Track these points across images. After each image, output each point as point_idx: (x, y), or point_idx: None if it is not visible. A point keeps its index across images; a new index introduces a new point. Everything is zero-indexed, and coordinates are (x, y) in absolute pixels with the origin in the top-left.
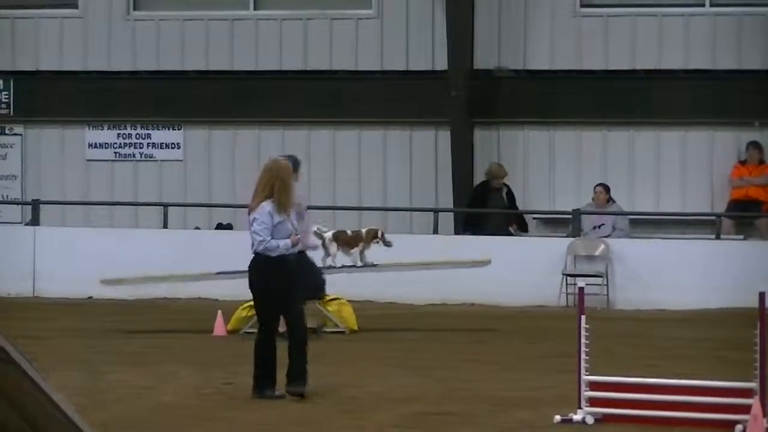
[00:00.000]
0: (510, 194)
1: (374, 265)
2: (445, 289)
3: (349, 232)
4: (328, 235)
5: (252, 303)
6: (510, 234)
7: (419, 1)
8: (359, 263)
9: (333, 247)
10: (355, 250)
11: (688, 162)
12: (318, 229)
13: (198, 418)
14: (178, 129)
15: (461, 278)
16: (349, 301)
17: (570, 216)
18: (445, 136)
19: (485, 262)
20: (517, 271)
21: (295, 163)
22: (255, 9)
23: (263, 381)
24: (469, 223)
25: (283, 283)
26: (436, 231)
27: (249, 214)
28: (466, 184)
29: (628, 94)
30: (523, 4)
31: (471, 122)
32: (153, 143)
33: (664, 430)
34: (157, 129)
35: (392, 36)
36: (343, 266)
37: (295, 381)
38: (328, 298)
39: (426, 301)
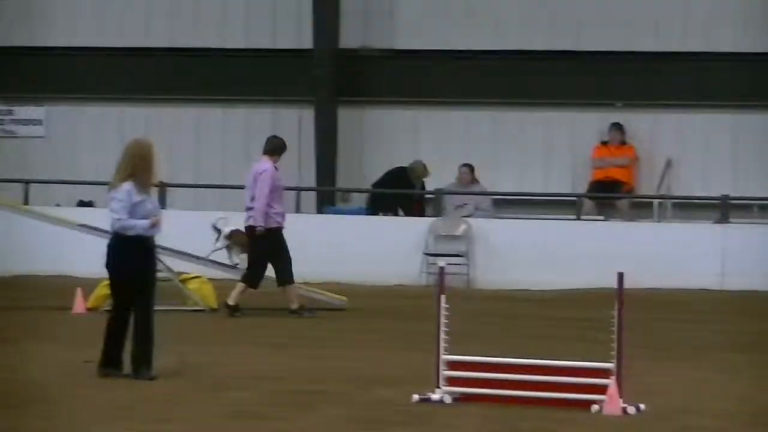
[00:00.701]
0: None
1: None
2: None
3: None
4: (225, 231)
5: None
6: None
7: None
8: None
9: (223, 243)
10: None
11: (551, 143)
12: (217, 222)
13: (54, 395)
14: (40, 106)
15: (324, 257)
16: (210, 279)
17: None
18: (309, 115)
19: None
20: (381, 250)
21: (282, 147)
22: None
23: (108, 360)
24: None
25: (139, 264)
26: (298, 210)
27: (109, 192)
28: (329, 164)
29: (493, 75)
30: None
31: (336, 102)
32: (15, 119)
33: (522, 410)
34: (19, 105)
35: (258, 14)
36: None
37: (140, 367)
38: (188, 276)
39: None
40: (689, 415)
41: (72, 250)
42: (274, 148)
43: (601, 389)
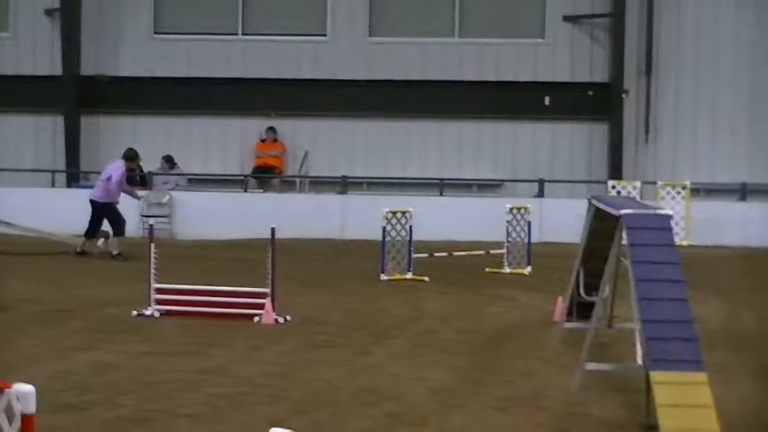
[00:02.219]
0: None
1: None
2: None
3: None
4: None
5: None
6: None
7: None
8: None
9: None
10: None
11: (227, 141)
12: None
13: None
14: None
15: (71, 217)
16: None
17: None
18: (61, 121)
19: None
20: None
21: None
22: None
23: None
24: None
25: None
26: (53, 185)
27: None
28: (74, 160)
29: (186, 95)
30: (115, 27)
31: (79, 112)
32: None
33: (207, 322)
34: None
35: (24, 49)
36: None
37: None
38: None
39: None
40: (319, 324)
41: None
42: (128, 156)
43: (260, 306)
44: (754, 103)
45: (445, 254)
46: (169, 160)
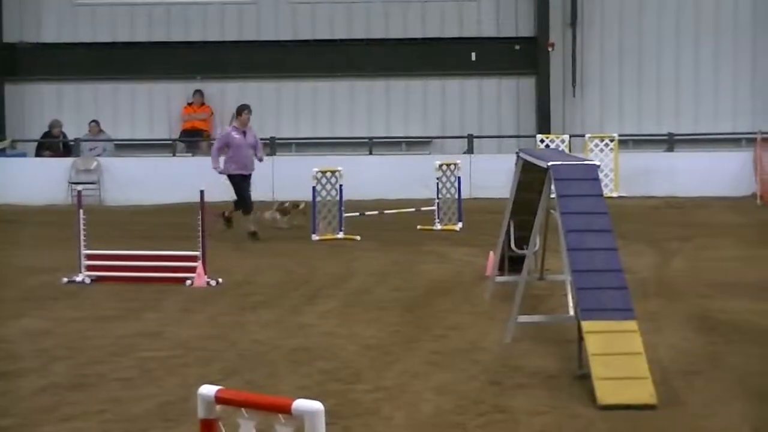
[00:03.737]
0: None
1: None
2: None
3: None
4: None
5: None
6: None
7: None
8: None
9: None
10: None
11: (154, 106)
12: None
13: None
14: None
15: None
16: None
17: (71, 143)
18: None
19: None
20: (40, 181)
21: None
22: None
23: None
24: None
25: None
26: None
27: None
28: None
29: (111, 62)
30: None
31: (2, 81)
32: None
33: (138, 286)
34: None
35: None
36: None
37: None
38: None
39: None
40: (251, 285)
41: None
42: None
43: (192, 269)
44: (679, 54)
45: (376, 213)
46: (96, 126)
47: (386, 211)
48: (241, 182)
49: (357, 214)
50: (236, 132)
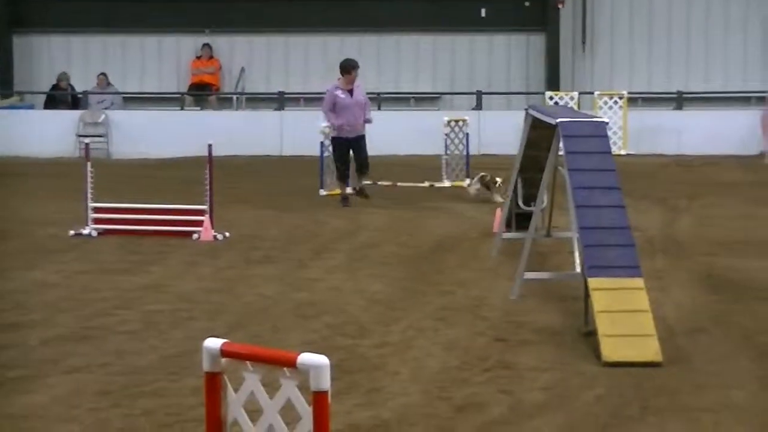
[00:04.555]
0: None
1: None
2: None
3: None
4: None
5: None
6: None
7: None
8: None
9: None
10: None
11: (163, 58)
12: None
13: None
14: None
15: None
16: None
17: (81, 95)
18: None
19: None
20: (49, 134)
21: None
22: None
23: None
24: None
25: None
26: None
27: None
28: (8, 81)
29: (123, 11)
30: None
31: (10, 33)
32: None
33: (146, 239)
34: None
35: None
36: None
37: None
38: None
39: None
40: (258, 240)
41: None
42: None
43: (199, 223)
44: (689, 11)
45: (389, 183)
46: (104, 79)
47: (399, 184)
48: (345, 148)
49: (370, 183)
50: (341, 91)
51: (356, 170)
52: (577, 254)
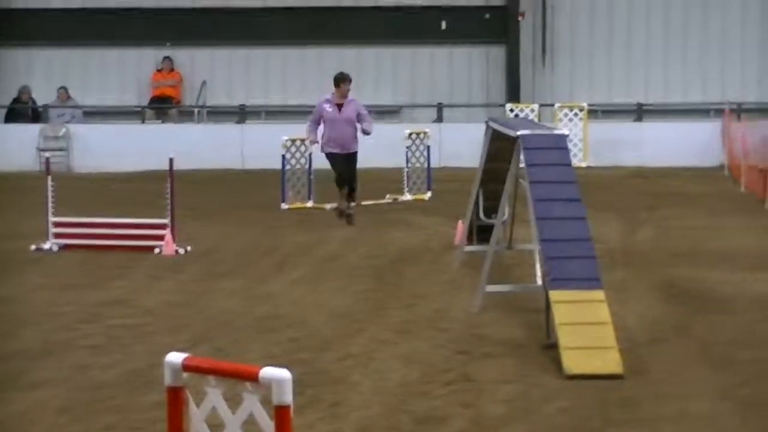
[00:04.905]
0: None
1: None
2: None
3: None
4: None
5: None
6: None
7: None
8: None
9: None
10: None
11: (122, 72)
12: None
13: None
14: None
15: None
16: None
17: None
18: None
19: None
20: (10, 147)
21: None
22: None
23: None
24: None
25: None
26: None
27: None
28: None
29: (85, 25)
30: None
31: None
32: None
33: (108, 254)
34: None
35: None
36: None
37: None
38: None
39: None
40: (220, 253)
41: None
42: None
43: (161, 237)
44: (649, 24)
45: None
46: (64, 92)
47: (364, 203)
48: (337, 161)
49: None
50: (329, 105)
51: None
52: (538, 266)
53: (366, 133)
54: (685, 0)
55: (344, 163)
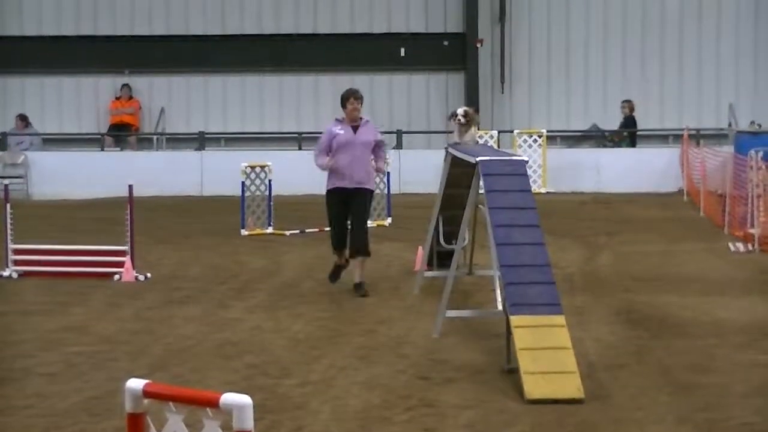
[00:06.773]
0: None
1: None
2: None
3: None
4: None
5: None
6: None
7: None
8: None
9: None
10: None
11: (80, 100)
12: None
13: None
14: None
15: None
16: None
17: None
18: None
19: None
20: None
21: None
22: None
23: None
24: None
25: None
26: None
27: None
28: None
29: (68, 55)
30: None
31: None
32: None
33: (66, 281)
34: None
35: None
36: None
37: None
38: None
39: None
40: (180, 280)
41: None
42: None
43: (120, 264)
44: (606, 50)
45: (316, 230)
46: (23, 120)
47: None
48: (340, 205)
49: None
50: (341, 127)
51: (349, 248)
52: (498, 292)
53: (380, 171)
54: (643, 28)
55: (351, 204)
